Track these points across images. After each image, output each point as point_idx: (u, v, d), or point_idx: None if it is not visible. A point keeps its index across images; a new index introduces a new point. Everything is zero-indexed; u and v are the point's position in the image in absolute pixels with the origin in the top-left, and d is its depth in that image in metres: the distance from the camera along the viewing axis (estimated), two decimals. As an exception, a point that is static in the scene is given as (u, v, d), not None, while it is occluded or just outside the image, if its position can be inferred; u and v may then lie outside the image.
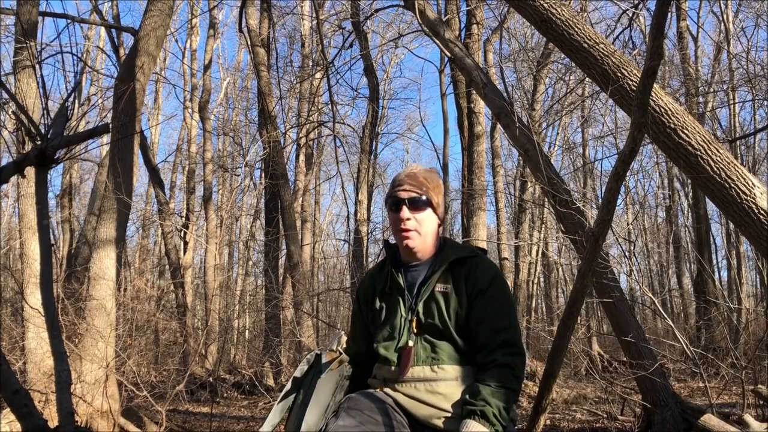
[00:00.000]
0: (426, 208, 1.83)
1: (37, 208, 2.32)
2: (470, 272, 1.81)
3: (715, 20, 17.28)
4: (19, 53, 5.82)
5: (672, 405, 4.90)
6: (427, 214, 1.84)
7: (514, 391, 1.71)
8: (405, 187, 1.84)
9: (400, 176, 1.88)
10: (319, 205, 21.99)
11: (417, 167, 1.90)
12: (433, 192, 1.85)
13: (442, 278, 1.82)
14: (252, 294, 18.66)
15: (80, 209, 18.82)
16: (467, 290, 1.79)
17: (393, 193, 1.85)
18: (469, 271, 1.81)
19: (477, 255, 1.87)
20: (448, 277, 1.82)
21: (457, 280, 1.81)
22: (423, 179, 1.84)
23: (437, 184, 1.88)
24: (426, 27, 6.45)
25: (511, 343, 1.75)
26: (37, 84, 3.17)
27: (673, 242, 18.06)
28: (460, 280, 1.80)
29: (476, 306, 1.78)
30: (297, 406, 1.78)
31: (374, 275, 1.98)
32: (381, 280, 1.93)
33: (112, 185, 6.18)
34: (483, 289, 1.78)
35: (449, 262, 1.83)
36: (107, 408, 5.68)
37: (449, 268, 1.83)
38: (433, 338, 1.79)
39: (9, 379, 2.05)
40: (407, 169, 1.89)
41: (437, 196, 1.86)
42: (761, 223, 3.70)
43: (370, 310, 1.94)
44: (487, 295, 1.78)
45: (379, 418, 1.71)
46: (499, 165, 13.68)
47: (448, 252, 1.87)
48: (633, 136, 2.42)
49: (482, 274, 1.81)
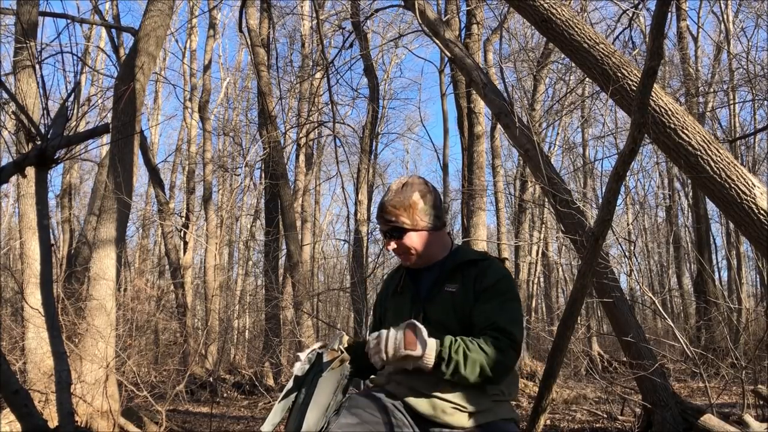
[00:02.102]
0: (405, 233, 1.87)
1: (37, 208, 2.32)
2: (480, 273, 1.84)
3: (715, 20, 17.30)
4: (19, 53, 5.82)
5: (672, 405, 4.90)
6: (410, 235, 1.88)
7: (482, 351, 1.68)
8: (381, 221, 1.90)
9: (378, 205, 1.93)
10: (319, 205, 22.00)
11: (390, 192, 1.92)
12: (404, 215, 1.86)
13: (452, 278, 1.87)
14: (252, 294, 18.67)
15: (80, 209, 18.82)
16: (475, 288, 1.82)
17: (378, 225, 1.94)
18: (479, 272, 1.85)
19: (489, 258, 1.91)
20: (458, 277, 1.86)
21: (466, 280, 1.85)
22: (391, 207, 1.87)
23: (409, 203, 1.87)
24: (426, 27, 6.45)
25: (503, 329, 1.74)
26: (37, 84, 3.17)
27: (673, 242, 18.06)
28: (470, 281, 1.84)
29: (480, 301, 1.81)
30: (297, 405, 1.79)
31: (392, 277, 2.06)
32: (395, 282, 2.01)
33: (112, 185, 6.18)
34: (489, 285, 1.81)
35: (461, 263, 1.88)
36: (107, 408, 5.69)
37: (460, 270, 1.87)
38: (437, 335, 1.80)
39: (9, 379, 2.05)
40: (383, 197, 1.93)
41: (412, 215, 1.87)
42: (761, 223, 3.70)
43: (384, 309, 2.02)
44: (491, 291, 1.80)
45: (380, 417, 1.73)
46: (499, 165, 13.67)
47: (460, 255, 1.92)
48: (633, 136, 2.42)
49: (492, 274, 1.84)
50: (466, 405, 1.74)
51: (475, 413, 1.75)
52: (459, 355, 1.67)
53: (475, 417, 1.76)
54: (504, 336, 1.73)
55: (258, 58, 11.61)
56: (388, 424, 1.72)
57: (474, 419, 1.75)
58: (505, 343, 1.71)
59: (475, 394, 1.75)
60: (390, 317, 1.94)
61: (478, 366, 1.67)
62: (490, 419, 1.77)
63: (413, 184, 1.90)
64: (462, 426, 1.73)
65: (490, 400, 1.78)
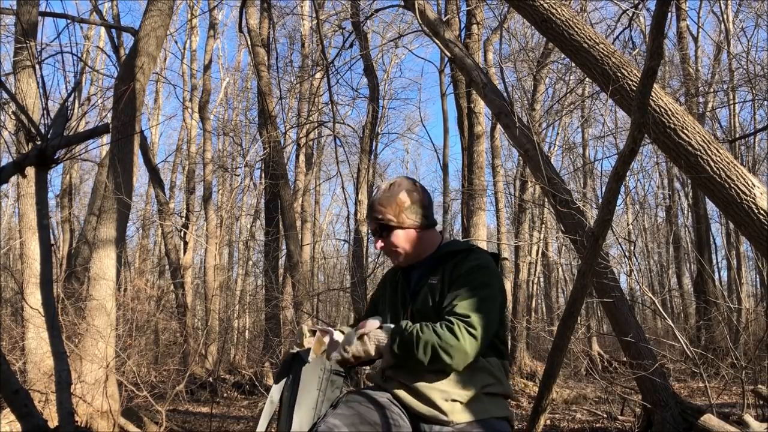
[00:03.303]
0: (391, 230, 1.92)
1: (37, 208, 2.32)
2: (458, 263, 1.88)
3: (715, 20, 17.30)
4: (19, 53, 5.82)
5: (672, 405, 4.90)
6: (396, 233, 1.92)
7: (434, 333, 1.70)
8: (370, 220, 1.96)
9: (368, 207, 1.99)
10: (319, 205, 22.00)
11: (378, 191, 1.97)
12: (390, 213, 1.90)
13: (435, 271, 1.91)
14: (252, 294, 18.65)
15: (80, 209, 18.82)
16: (451, 278, 1.85)
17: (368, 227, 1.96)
18: (457, 262, 1.88)
19: (473, 249, 1.92)
20: (439, 269, 1.90)
21: (446, 271, 1.88)
22: (379, 206, 1.92)
23: (393, 201, 1.91)
24: (426, 27, 6.45)
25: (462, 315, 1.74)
26: (37, 84, 3.17)
27: (673, 242, 18.05)
28: (448, 271, 1.88)
29: (450, 290, 1.83)
30: (285, 406, 1.83)
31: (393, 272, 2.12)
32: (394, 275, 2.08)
33: (112, 185, 6.18)
34: (461, 274, 1.83)
35: (442, 254, 1.93)
36: (107, 408, 5.69)
37: (442, 261, 1.92)
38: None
39: (9, 379, 2.05)
40: (371, 196, 1.98)
41: (398, 213, 1.91)
42: (761, 223, 3.70)
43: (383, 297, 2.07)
44: (462, 280, 1.82)
45: (375, 409, 1.76)
46: (499, 165, 13.66)
47: (444, 247, 1.97)
48: (633, 136, 2.42)
49: (467, 263, 1.85)
50: (450, 390, 1.75)
51: (465, 405, 1.76)
52: (412, 336, 1.72)
53: (467, 412, 1.76)
54: (460, 320, 1.73)
55: (258, 58, 11.61)
56: (384, 416, 1.75)
57: (466, 414, 1.75)
58: (460, 327, 1.71)
59: (462, 380, 1.76)
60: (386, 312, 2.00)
61: (429, 347, 1.70)
62: (483, 416, 1.77)
63: (400, 184, 1.95)
64: (453, 421, 1.74)
65: (478, 388, 1.77)
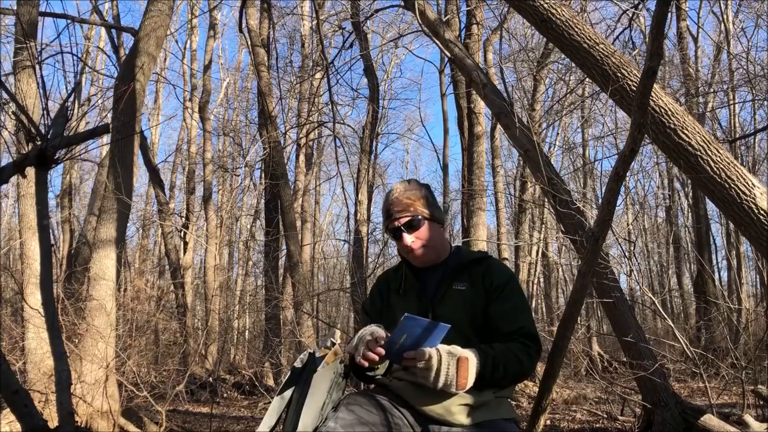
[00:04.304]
0: (422, 223, 1.91)
1: (37, 209, 2.33)
2: (487, 271, 1.89)
3: (715, 20, 17.29)
4: (19, 53, 5.82)
5: (672, 405, 4.90)
6: (426, 227, 1.92)
7: (519, 362, 1.75)
8: (396, 216, 1.91)
9: (387, 206, 1.95)
10: (319, 205, 22.00)
11: (397, 189, 1.95)
12: (420, 206, 1.91)
13: (459, 277, 1.90)
14: (252, 294, 18.64)
15: (80, 209, 18.81)
16: (485, 285, 1.87)
17: (389, 225, 1.93)
18: (485, 270, 1.90)
19: (492, 257, 1.99)
20: (465, 276, 1.90)
21: (474, 278, 1.89)
22: (407, 200, 1.91)
23: (420, 195, 1.93)
24: (426, 27, 6.45)
25: (532, 335, 1.82)
26: (37, 84, 3.17)
27: (673, 242, 18.05)
28: (478, 278, 1.89)
29: (496, 301, 1.85)
30: (293, 405, 1.80)
31: (389, 276, 2.07)
32: (396, 280, 2.02)
33: (112, 185, 6.17)
34: (501, 285, 1.86)
35: (466, 262, 1.93)
36: (107, 408, 5.68)
37: (466, 268, 1.91)
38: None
39: (9, 379, 2.05)
40: (390, 197, 1.95)
41: (426, 206, 1.92)
42: (761, 223, 3.70)
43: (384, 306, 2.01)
44: (505, 292, 1.86)
45: (377, 414, 1.74)
46: (499, 165, 13.67)
47: (464, 255, 1.97)
48: (633, 136, 2.42)
49: (499, 272, 1.90)
50: (469, 399, 1.75)
51: (475, 408, 1.76)
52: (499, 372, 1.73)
53: (475, 413, 1.76)
54: (533, 342, 1.80)
55: (258, 58, 11.61)
56: (386, 421, 1.73)
57: (474, 416, 1.75)
58: (534, 350, 1.79)
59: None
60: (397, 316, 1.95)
61: (511, 376, 1.76)
62: (492, 417, 1.77)
63: (416, 182, 1.98)
64: (462, 423, 1.74)
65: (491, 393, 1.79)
